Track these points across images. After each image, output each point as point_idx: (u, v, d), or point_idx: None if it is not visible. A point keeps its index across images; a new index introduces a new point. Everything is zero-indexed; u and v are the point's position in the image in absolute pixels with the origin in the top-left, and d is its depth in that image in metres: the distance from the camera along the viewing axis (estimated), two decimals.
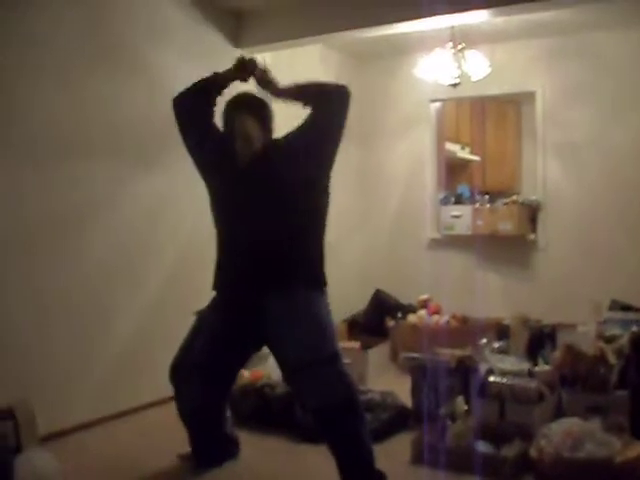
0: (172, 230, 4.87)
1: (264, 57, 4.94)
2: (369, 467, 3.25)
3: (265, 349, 3.49)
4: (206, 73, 3.44)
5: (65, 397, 4.19)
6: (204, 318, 3.49)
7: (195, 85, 3.41)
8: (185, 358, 3.46)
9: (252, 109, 3.31)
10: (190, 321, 3.54)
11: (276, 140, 3.37)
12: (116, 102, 4.52)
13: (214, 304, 3.45)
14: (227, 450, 3.76)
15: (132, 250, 4.58)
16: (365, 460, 3.25)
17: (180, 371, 3.48)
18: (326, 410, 3.20)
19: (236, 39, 5.55)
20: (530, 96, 6.77)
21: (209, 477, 3.59)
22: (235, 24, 5.56)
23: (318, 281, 3.33)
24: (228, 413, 3.81)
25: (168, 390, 3.63)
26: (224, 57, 5.39)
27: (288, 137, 3.33)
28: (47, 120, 4.10)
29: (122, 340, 4.56)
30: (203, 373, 3.41)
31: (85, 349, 4.35)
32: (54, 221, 4.18)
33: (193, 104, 3.40)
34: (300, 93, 3.39)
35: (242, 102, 3.33)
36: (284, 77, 3.69)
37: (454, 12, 4.82)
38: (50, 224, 4.16)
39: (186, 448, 3.73)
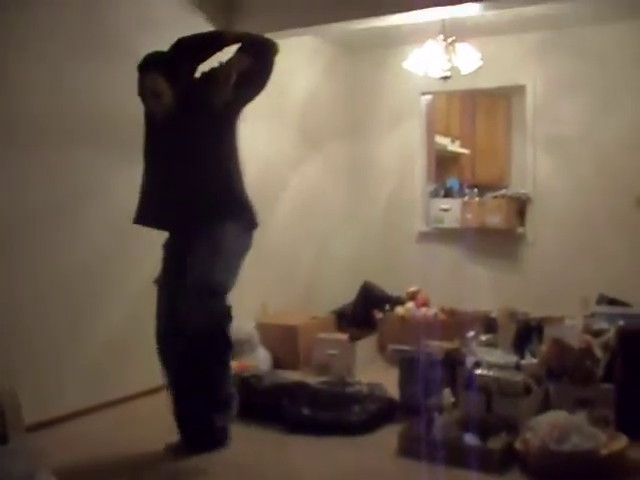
0: None
1: None
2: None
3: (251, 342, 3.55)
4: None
5: (54, 385, 4.18)
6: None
7: None
8: (159, 324, 3.67)
9: (157, 65, 3.59)
10: None
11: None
12: (108, 92, 4.49)
13: None
14: (216, 437, 3.77)
15: (127, 236, 4.54)
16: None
17: (161, 338, 3.67)
18: (202, 338, 3.54)
19: (227, 29, 5.50)
20: (521, 90, 6.76)
21: (195, 467, 3.59)
22: (226, 16, 5.51)
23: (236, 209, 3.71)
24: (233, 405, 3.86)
25: (157, 379, 3.63)
26: None
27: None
28: (41, 110, 4.11)
29: (113, 328, 4.55)
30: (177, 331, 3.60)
31: (76, 336, 4.35)
32: (52, 206, 4.19)
33: None
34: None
35: (147, 62, 3.64)
36: (275, 67, 3.70)
37: (446, 5, 4.81)
38: (48, 209, 4.17)
39: (174, 437, 3.73)
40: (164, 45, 4.58)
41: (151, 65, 3.56)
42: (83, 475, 3.50)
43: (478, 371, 4.07)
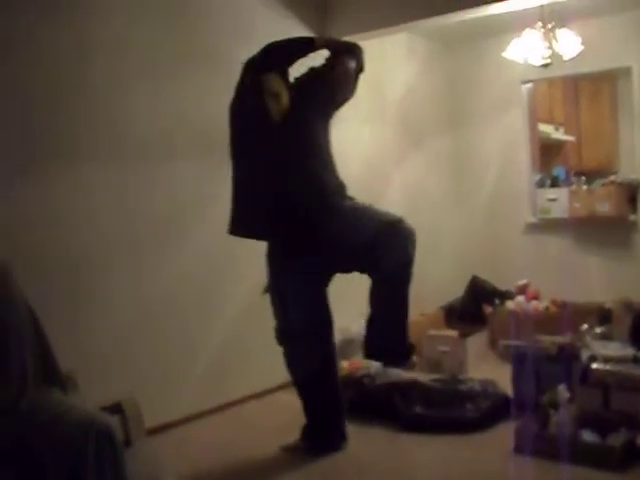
0: None
1: None
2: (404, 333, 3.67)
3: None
4: (293, 68, 3.50)
5: (168, 392, 4.32)
6: (277, 286, 3.77)
7: None
8: (286, 325, 3.77)
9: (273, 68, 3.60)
10: None
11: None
12: (199, 103, 4.57)
13: (276, 265, 3.76)
14: (337, 438, 3.86)
15: (234, 246, 4.66)
16: (404, 313, 3.67)
17: (291, 338, 3.76)
18: (400, 267, 3.54)
19: (322, 32, 5.54)
20: (626, 71, 6.52)
21: (311, 468, 3.65)
22: (320, 17, 5.55)
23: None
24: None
25: (265, 383, 3.69)
26: None
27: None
28: (128, 121, 4.19)
29: (222, 336, 4.66)
30: (313, 330, 3.74)
31: (187, 346, 4.48)
32: (157, 219, 4.32)
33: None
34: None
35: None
36: (373, 67, 3.72)
37: None
38: (153, 222, 4.30)
39: (288, 439, 3.79)
40: None
41: (263, 67, 3.58)
42: (205, 478, 3.60)
43: (594, 365, 3.97)
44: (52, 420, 2.42)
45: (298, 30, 5.29)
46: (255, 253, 3.88)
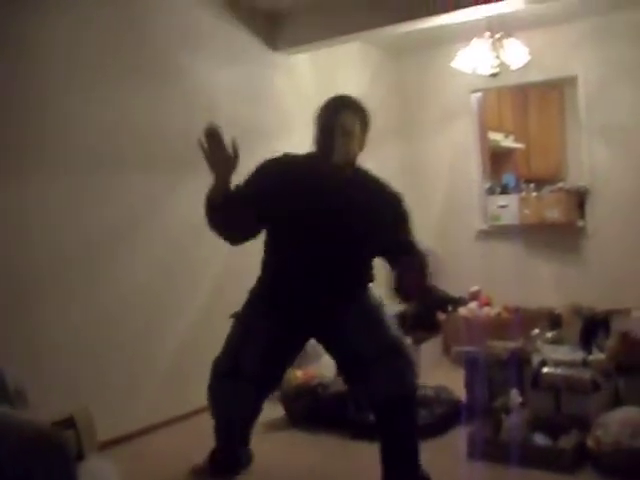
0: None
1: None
2: (417, 466, 3.29)
3: (316, 349, 3.51)
4: (244, 78, 3.45)
5: (124, 403, 4.27)
6: (251, 326, 3.43)
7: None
8: (235, 366, 3.40)
9: (357, 110, 3.25)
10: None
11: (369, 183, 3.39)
12: (149, 113, 4.52)
13: (261, 312, 3.40)
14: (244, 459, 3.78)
15: (188, 254, 4.65)
16: (414, 459, 3.29)
17: (231, 380, 3.43)
18: (393, 401, 3.22)
19: (272, 41, 5.55)
20: (573, 80, 6.63)
21: (266, 476, 3.64)
22: (270, 26, 5.55)
23: (372, 278, 3.42)
24: None
25: None
26: (261, 61, 5.44)
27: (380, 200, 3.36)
28: (78, 132, 4.13)
29: (178, 345, 4.63)
30: (257, 385, 3.43)
31: (142, 356, 4.45)
32: (109, 230, 4.27)
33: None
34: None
35: (346, 102, 3.28)
36: (324, 77, 3.70)
37: (490, 2, 4.78)
38: (107, 233, 4.26)
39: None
40: (209, 60, 4.63)
41: (346, 105, 3.26)
42: None
43: (545, 369, 4.03)
44: None
45: (248, 39, 5.30)
46: (210, 261, 3.87)
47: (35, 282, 3.90)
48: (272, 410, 4.58)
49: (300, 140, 3.51)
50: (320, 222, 3.15)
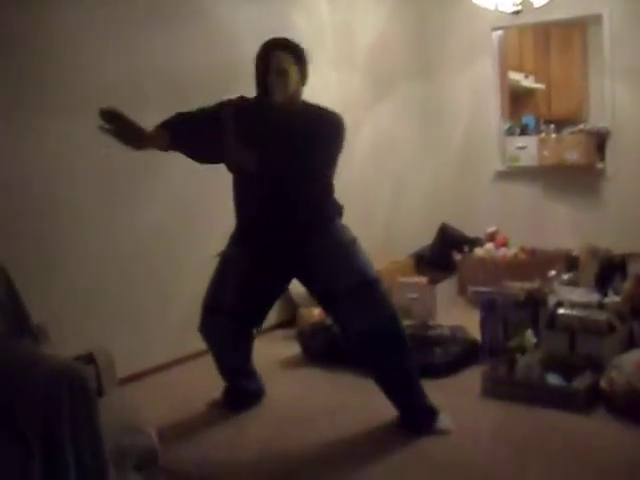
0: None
1: None
2: (415, 399, 3.40)
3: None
4: (263, 16, 3.40)
5: (141, 342, 4.34)
6: (230, 261, 3.61)
7: None
8: (216, 301, 3.64)
9: (288, 48, 3.31)
10: None
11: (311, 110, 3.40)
12: (173, 52, 4.51)
13: (239, 248, 3.56)
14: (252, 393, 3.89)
15: (206, 195, 4.66)
16: (410, 392, 3.41)
17: (214, 314, 3.65)
18: (373, 335, 3.32)
19: None
20: (597, 19, 6.50)
21: (282, 411, 3.72)
22: None
23: (338, 212, 3.50)
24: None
25: None
26: None
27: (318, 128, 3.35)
28: (101, 74, 4.13)
29: (194, 285, 4.64)
30: (237, 319, 3.61)
31: (159, 296, 4.50)
32: (129, 171, 4.26)
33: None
34: None
35: (277, 42, 3.33)
36: (341, 13, 3.64)
37: None
38: (125, 174, 4.26)
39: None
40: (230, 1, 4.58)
41: (279, 46, 3.30)
42: (178, 426, 3.64)
43: (560, 310, 4.05)
44: (23, 370, 2.40)
45: None
46: (227, 200, 3.86)
47: (53, 215, 3.93)
48: (289, 347, 4.67)
49: (314, 74, 3.48)
50: (268, 156, 3.23)
